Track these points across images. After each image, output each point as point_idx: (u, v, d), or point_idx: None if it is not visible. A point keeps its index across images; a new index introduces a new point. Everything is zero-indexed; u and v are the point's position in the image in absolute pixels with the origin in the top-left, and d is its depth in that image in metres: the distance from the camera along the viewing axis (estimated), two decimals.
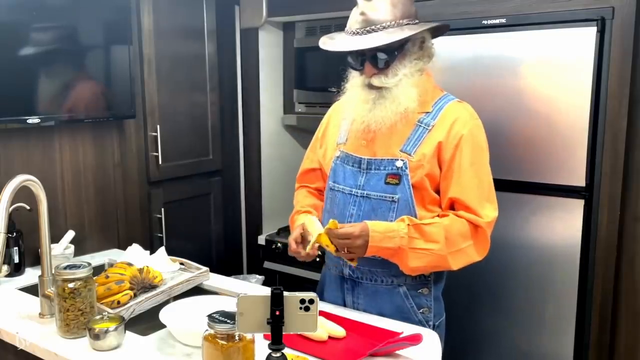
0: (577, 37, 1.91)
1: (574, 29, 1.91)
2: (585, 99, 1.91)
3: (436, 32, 1.67)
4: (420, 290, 1.67)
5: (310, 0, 2.68)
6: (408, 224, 1.54)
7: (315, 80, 2.93)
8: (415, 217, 1.58)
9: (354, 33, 1.56)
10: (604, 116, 1.91)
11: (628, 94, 1.87)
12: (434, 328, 1.66)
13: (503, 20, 2.04)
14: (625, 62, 1.86)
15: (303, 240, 1.62)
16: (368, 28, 1.54)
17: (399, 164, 1.59)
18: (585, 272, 1.99)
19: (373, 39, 1.53)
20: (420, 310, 1.67)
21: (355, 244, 1.51)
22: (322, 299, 1.75)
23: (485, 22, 2.08)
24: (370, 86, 1.60)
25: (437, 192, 1.62)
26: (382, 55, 1.55)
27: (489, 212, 1.59)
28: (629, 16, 1.84)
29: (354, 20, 1.57)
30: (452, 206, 1.61)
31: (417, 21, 1.60)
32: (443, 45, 2.17)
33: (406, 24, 1.56)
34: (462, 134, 1.58)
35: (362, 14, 1.55)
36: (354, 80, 1.65)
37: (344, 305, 1.72)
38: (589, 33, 1.88)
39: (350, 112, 1.66)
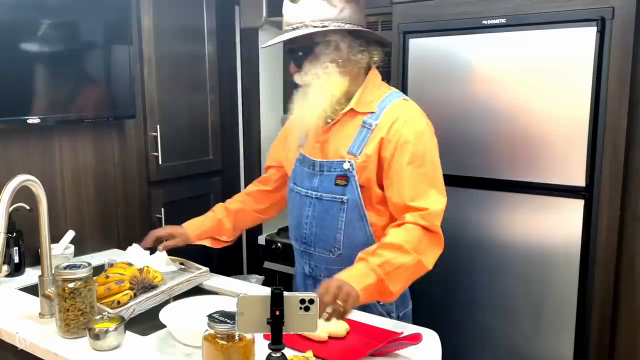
0: (577, 37, 1.91)
1: (574, 29, 1.91)
2: (585, 99, 1.92)
3: (369, 37, 1.68)
4: None
5: None
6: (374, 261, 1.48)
7: None
8: (365, 217, 1.62)
9: (282, 32, 1.65)
10: (604, 116, 1.91)
11: (628, 94, 1.87)
12: (398, 319, 1.70)
13: (503, 20, 2.04)
14: (625, 62, 1.86)
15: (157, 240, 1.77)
16: (287, 27, 1.63)
17: (346, 165, 1.62)
18: (585, 272, 1.99)
19: (283, 36, 1.61)
20: (381, 303, 1.69)
21: (339, 290, 1.39)
22: None
23: (485, 22, 2.08)
24: (297, 84, 1.68)
25: (382, 188, 1.64)
26: (297, 54, 1.63)
27: (431, 202, 1.55)
28: (629, 16, 1.84)
29: (283, 19, 1.66)
30: (401, 209, 1.59)
31: (348, 25, 1.60)
32: (443, 46, 2.18)
33: (322, 26, 1.58)
34: (400, 133, 1.59)
35: (283, 14, 1.64)
36: None
37: None
38: (589, 33, 1.89)
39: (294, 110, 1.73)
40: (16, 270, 2.00)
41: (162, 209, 2.63)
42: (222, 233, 1.89)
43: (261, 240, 3.09)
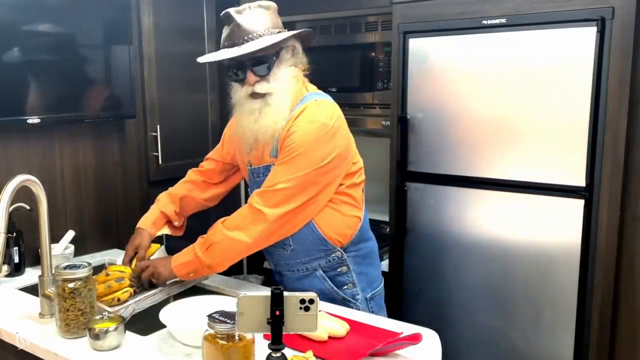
0: (577, 37, 1.91)
1: (574, 29, 1.91)
2: (585, 99, 1.92)
3: (305, 41, 1.75)
4: (339, 270, 1.76)
5: (310, 0, 2.68)
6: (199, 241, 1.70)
7: (315, 80, 2.94)
8: None
9: (232, 45, 1.62)
10: (604, 116, 1.91)
11: (628, 94, 1.87)
12: (367, 301, 1.78)
13: (503, 20, 2.04)
14: (625, 62, 1.86)
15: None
16: (245, 37, 1.61)
17: (272, 168, 1.68)
18: (585, 272, 1.99)
19: (252, 45, 1.59)
20: (344, 287, 1.77)
21: (154, 269, 1.73)
22: None
23: (485, 22, 2.08)
24: (255, 95, 1.66)
25: None
26: (261, 62, 1.63)
27: (269, 186, 1.63)
28: (629, 16, 1.84)
29: (231, 32, 1.63)
30: None
31: (286, 30, 1.69)
32: (443, 46, 2.18)
33: (277, 32, 1.65)
34: (290, 131, 1.63)
35: (238, 25, 1.61)
36: (238, 93, 1.71)
37: None
38: (589, 33, 1.89)
39: (240, 126, 1.72)
40: (16, 270, 2.00)
41: None
42: (170, 218, 2.00)
43: None
